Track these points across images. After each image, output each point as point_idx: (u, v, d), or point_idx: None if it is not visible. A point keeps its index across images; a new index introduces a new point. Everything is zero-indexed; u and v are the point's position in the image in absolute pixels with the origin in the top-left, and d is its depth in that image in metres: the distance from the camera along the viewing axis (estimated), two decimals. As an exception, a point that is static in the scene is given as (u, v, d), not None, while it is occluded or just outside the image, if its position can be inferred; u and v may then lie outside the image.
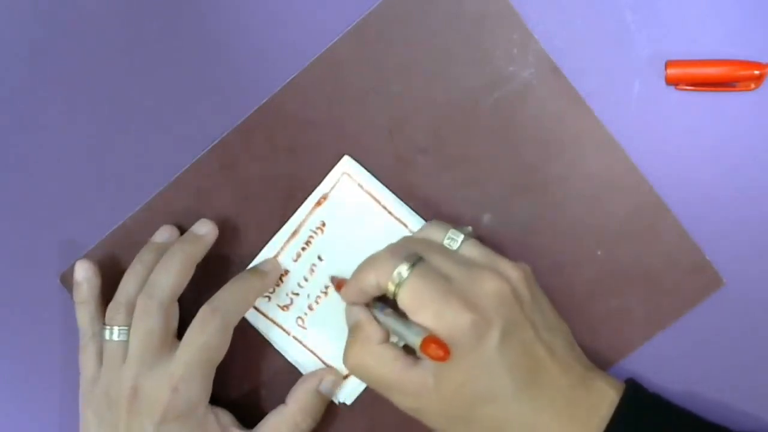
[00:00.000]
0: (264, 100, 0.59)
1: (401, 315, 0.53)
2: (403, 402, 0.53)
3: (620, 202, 0.57)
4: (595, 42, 0.57)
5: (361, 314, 0.55)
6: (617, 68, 0.57)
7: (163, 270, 0.57)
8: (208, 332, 0.56)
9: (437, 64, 0.58)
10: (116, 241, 0.61)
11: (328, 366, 0.60)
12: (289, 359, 0.60)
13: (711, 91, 0.56)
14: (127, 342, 0.56)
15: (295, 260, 0.60)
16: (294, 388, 0.59)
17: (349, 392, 0.60)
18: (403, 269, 0.52)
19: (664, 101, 0.57)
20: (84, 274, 0.59)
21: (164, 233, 0.60)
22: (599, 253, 0.57)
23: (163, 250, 0.58)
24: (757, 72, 0.55)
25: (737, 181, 0.56)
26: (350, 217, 0.59)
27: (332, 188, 0.59)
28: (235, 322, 0.57)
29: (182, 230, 0.60)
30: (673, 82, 0.56)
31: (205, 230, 0.59)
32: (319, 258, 0.60)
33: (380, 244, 0.57)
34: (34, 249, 0.63)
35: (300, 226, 0.59)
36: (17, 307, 0.64)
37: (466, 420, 0.52)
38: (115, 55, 0.61)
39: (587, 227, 0.57)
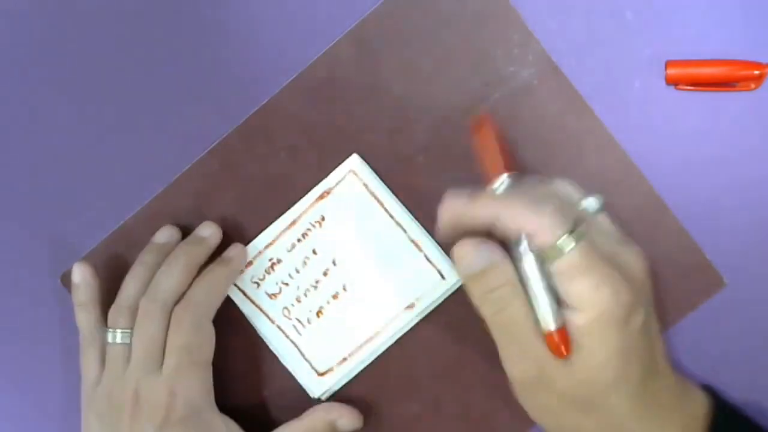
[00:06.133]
0: (264, 101, 0.59)
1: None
2: (521, 364, 0.50)
3: (620, 203, 0.57)
4: (595, 42, 0.57)
5: (497, 254, 0.50)
6: (617, 68, 0.57)
7: (165, 273, 0.57)
8: (184, 332, 0.56)
9: (437, 64, 0.58)
10: (117, 241, 0.61)
11: (307, 360, 0.60)
12: (271, 348, 0.61)
13: (711, 91, 0.56)
14: (129, 345, 0.56)
15: (290, 250, 0.60)
16: (312, 409, 0.59)
17: (326, 389, 0.60)
18: (576, 233, 0.47)
19: (664, 101, 0.57)
20: (81, 276, 0.59)
21: (165, 233, 0.60)
22: (600, 253, 0.57)
23: (164, 251, 0.58)
24: (757, 72, 0.55)
25: (737, 181, 0.56)
26: (350, 216, 0.59)
27: (337, 184, 0.59)
28: (209, 314, 0.57)
29: (183, 231, 0.60)
30: (673, 82, 0.56)
31: (209, 233, 0.59)
32: (314, 252, 0.59)
33: (376, 247, 0.57)
34: (34, 249, 0.63)
35: (299, 217, 0.59)
36: (17, 307, 0.64)
37: (585, 409, 0.49)
38: (115, 55, 0.61)
39: None
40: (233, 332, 0.60)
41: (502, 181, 0.50)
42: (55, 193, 0.62)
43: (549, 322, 0.48)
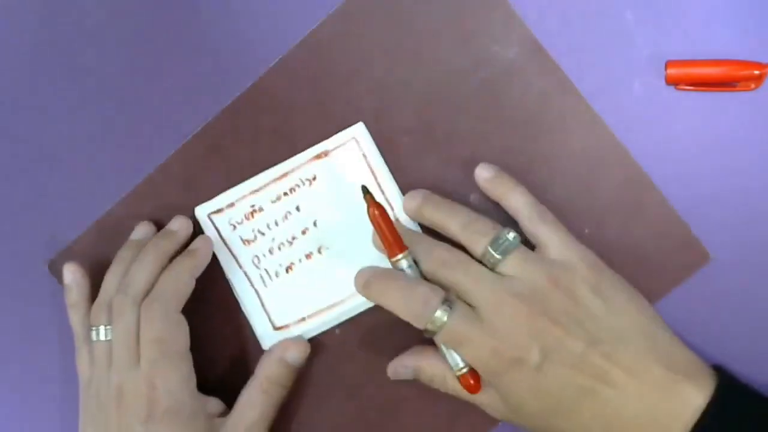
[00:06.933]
0: (249, 84, 0.60)
1: None
2: (489, 413, 0.55)
3: (606, 180, 0.57)
4: (595, 42, 0.57)
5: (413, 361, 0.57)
6: (617, 68, 0.57)
7: (136, 267, 0.57)
8: (154, 325, 0.56)
9: (421, 45, 0.58)
10: (104, 227, 0.61)
11: (266, 312, 0.60)
12: (235, 293, 0.60)
13: (711, 91, 0.56)
14: (110, 344, 0.56)
15: (274, 201, 0.60)
16: (261, 360, 0.59)
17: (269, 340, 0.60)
18: (441, 315, 0.51)
19: (664, 101, 0.56)
20: (72, 276, 0.59)
21: (141, 230, 0.60)
22: (586, 231, 0.56)
23: (140, 246, 0.59)
24: (757, 72, 0.55)
25: (737, 180, 0.56)
26: (343, 182, 0.59)
27: (336, 147, 0.59)
28: (177, 306, 0.57)
29: (171, 214, 0.60)
30: (673, 82, 0.56)
31: (178, 226, 0.60)
32: (297, 209, 0.59)
33: (360, 218, 0.56)
34: (21, 237, 0.63)
35: (291, 171, 0.59)
36: (5, 296, 0.64)
37: (546, 428, 0.53)
38: (98, 40, 0.62)
39: (574, 206, 0.57)
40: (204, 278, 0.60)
41: (402, 257, 0.54)
42: (42, 180, 0.62)
43: (454, 372, 0.54)
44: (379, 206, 0.53)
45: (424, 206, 0.56)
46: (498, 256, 0.52)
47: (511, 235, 0.53)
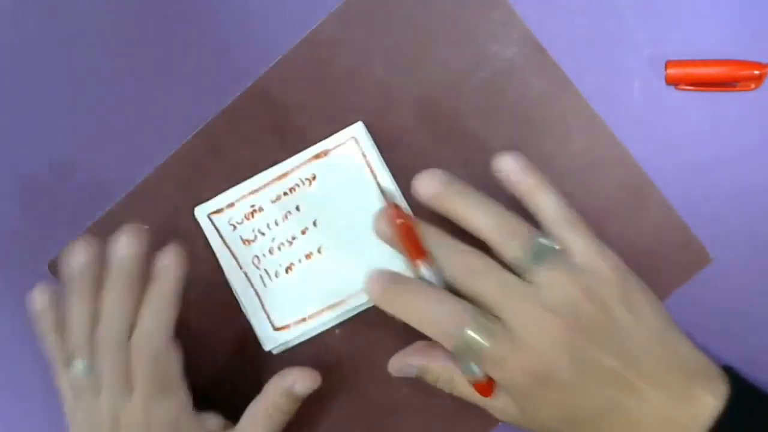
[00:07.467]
0: (249, 84, 0.60)
1: None
2: (496, 416, 0.54)
3: (606, 180, 0.57)
4: (595, 42, 0.57)
5: (419, 360, 0.55)
6: (617, 68, 0.56)
7: (110, 304, 0.54)
8: (145, 365, 0.54)
9: (420, 45, 0.58)
10: (104, 228, 0.60)
11: (266, 312, 0.60)
12: (234, 294, 0.60)
13: (711, 91, 0.55)
14: (95, 375, 0.55)
15: (274, 201, 0.59)
16: (270, 380, 0.57)
17: (278, 344, 0.60)
18: (475, 336, 0.49)
19: (664, 101, 0.56)
20: (41, 304, 0.57)
21: (81, 255, 0.55)
22: (586, 231, 0.56)
23: (95, 272, 0.55)
24: (757, 72, 0.54)
25: (737, 181, 0.56)
26: (342, 181, 0.58)
27: (336, 147, 0.59)
28: (166, 339, 0.54)
29: (169, 215, 0.60)
30: (673, 82, 0.56)
31: (126, 250, 0.55)
32: (297, 209, 0.59)
33: (360, 218, 0.56)
34: (21, 237, 0.63)
35: (291, 171, 0.59)
36: (5, 296, 0.64)
37: None
38: (98, 39, 0.62)
39: (574, 206, 0.55)
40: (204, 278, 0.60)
41: (424, 267, 0.51)
42: (42, 180, 0.63)
43: (468, 379, 0.52)
44: (401, 213, 0.51)
45: (445, 193, 0.51)
46: (533, 263, 0.50)
47: (547, 240, 0.50)
